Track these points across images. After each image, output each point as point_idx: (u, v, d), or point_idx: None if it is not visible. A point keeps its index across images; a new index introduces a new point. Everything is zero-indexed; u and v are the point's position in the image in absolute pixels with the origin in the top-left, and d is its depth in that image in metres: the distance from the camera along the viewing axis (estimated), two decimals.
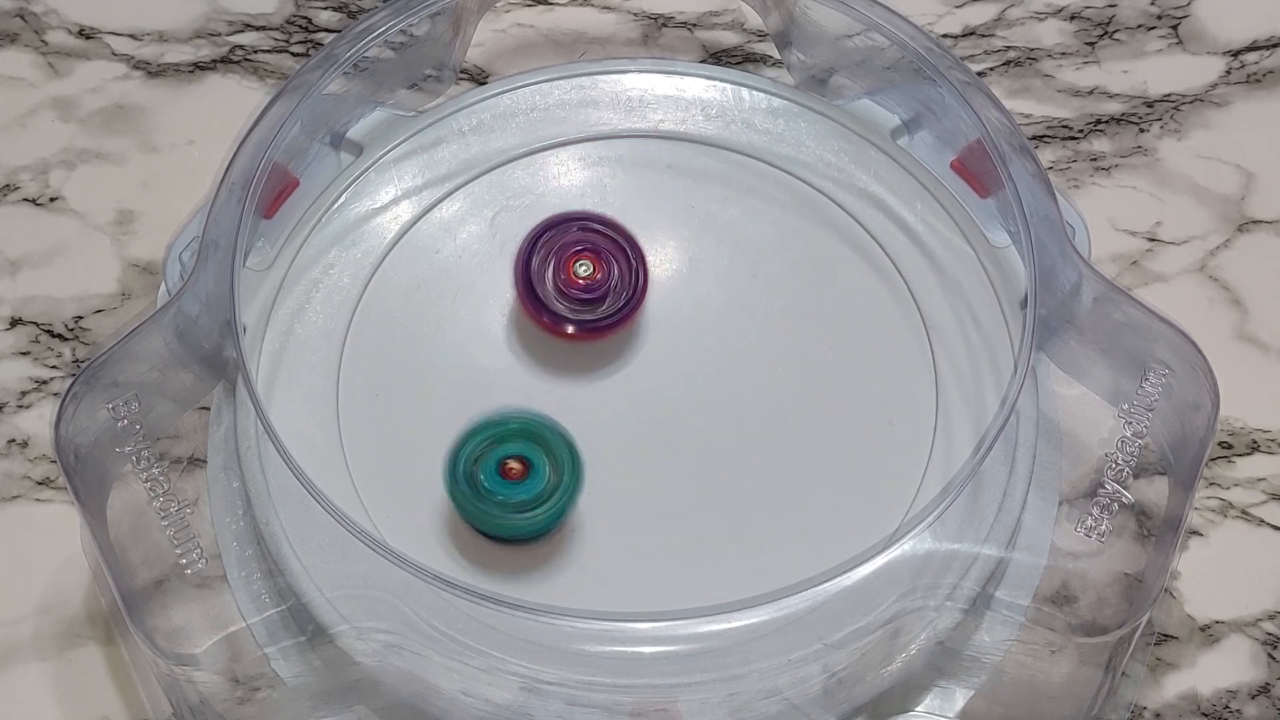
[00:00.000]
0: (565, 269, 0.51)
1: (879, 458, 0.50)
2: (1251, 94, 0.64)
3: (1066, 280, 0.50)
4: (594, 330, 0.51)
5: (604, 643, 0.46)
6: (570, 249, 0.51)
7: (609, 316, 0.51)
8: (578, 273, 0.51)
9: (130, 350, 0.49)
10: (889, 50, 0.54)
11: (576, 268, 0.51)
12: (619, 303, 0.51)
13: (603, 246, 0.51)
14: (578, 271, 0.51)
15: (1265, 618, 0.54)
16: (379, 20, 0.53)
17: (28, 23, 0.65)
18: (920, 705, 0.49)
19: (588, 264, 0.51)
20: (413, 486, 0.49)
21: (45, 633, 0.53)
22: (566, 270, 0.51)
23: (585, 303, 0.51)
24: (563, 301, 0.51)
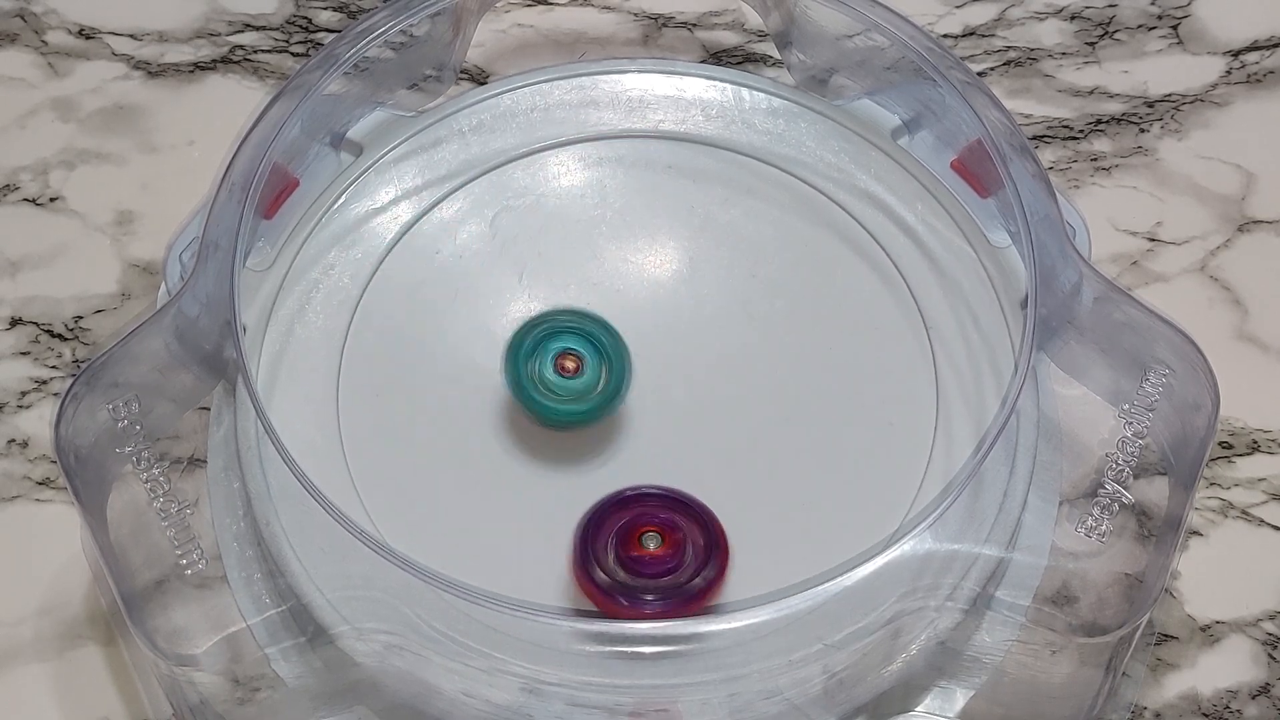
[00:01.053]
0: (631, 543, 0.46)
1: (879, 458, 0.50)
2: (1252, 94, 0.64)
3: (1067, 280, 0.50)
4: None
5: (604, 643, 0.46)
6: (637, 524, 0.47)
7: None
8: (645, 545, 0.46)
9: (130, 351, 0.49)
10: (889, 50, 0.54)
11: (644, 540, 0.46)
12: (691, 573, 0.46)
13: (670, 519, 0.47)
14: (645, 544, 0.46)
15: (1265, 618, 0.54)
16: (379, 20, 0.53)
17: (28, 23, 0.65)
18: (921, 705, 0.49)
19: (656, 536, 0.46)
20: (413, 486, 0.49)
21: (45, 633, 0.53)
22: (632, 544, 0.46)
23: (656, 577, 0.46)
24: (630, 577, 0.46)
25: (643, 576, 0.46)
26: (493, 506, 0.49)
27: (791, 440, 0.50)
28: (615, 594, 0.46)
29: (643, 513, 0.46)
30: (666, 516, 0.46)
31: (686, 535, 0.46)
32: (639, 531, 0.46)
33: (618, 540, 0.46)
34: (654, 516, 0.46)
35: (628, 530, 0.46)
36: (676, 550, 0.46)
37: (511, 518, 0.49)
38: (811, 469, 0.50)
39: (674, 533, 0.46)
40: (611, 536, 0.46)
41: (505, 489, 0.49)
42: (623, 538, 0.46)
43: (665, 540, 0.46)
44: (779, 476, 0.50)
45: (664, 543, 0.46)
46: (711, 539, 0.46)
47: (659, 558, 0.46)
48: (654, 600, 0.45)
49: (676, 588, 0.46)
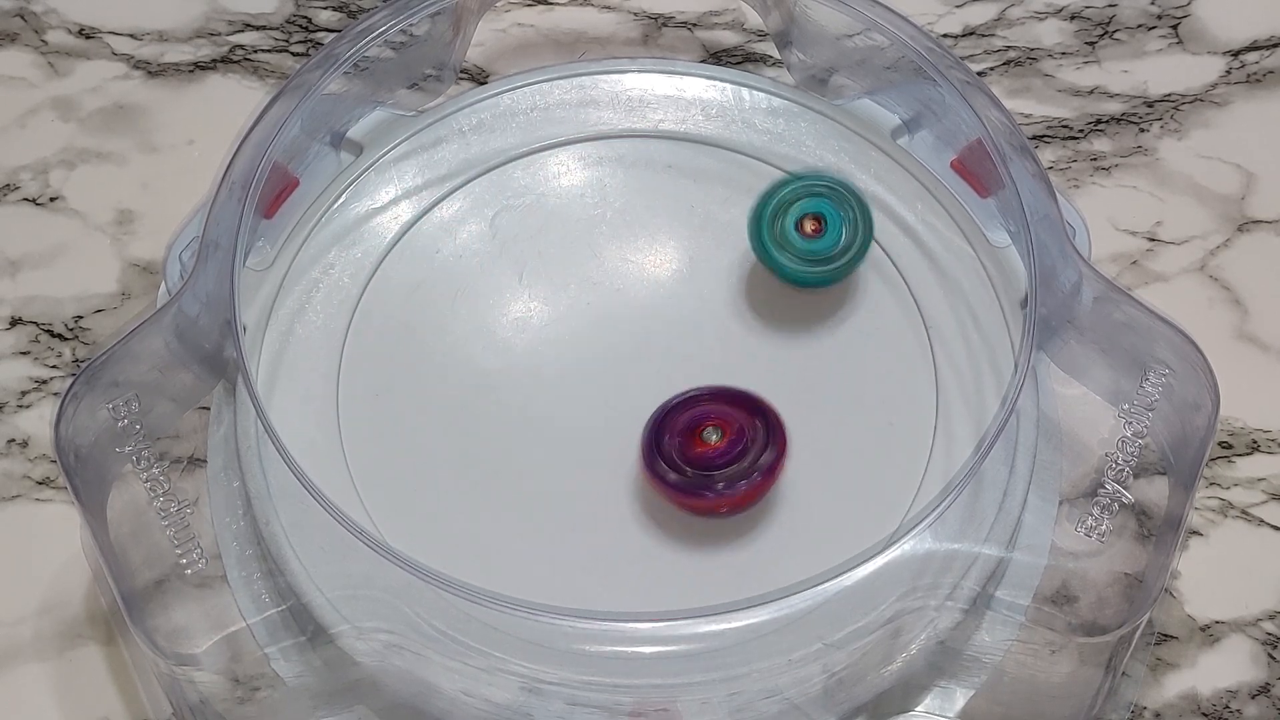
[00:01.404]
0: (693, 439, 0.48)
1: (879, 458, 0.50)
2: (1251, 94, 0.64)
3: (1066, 280, 0.50)
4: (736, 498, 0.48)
5: (604, 643, 0.46)
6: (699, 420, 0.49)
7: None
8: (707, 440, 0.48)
9: (130, 350, 0.49)
10: (889, 50, 0.54)
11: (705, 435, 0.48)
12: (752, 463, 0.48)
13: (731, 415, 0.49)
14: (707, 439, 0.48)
15: (1265, 618, 0.54)
16: (379, 20, 0.53)
17: (28, 23, 0.65)
18: (920, 705, 0.49)
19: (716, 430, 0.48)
20: (413, 486, 0.49)
21: (46, 633, 0.53)
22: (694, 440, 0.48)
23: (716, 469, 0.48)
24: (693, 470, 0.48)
25: (711, 469, 0.48)
26: (493, 506, 0.49)
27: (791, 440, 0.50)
28: (687, 490, 0.48)
29: (701, 411, 0.49)
30: (721, 410, 0.49)
31: (743, 424, 0.48)
32: (699, 428, 0.48)
33: (680, 440, 0.48)
34: (710, 413, 0.48)
35: (688, 429, 0.48)
36: (738, 438, 0.48)
37: (511, 517, 0.49)
38: (811, 469, 0.50)
39: (730, 423, 0.48)
40: (675, 438, 0.48)
41: (505, 488, 0.49)
42: (685, 437, 0.48)
43: (724, 431, 0.48)
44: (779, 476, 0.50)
45: (724, 434, 0.48)
46: (767, 422, 0.48)
47: (721, 449, 0.48)
48: (724, 488, 0.48)
49: (743, 473, 0.48)
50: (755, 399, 0.49)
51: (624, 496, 0.49)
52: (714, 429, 0.48)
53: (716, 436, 0.48)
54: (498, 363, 0.52)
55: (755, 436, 0.48)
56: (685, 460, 0.48)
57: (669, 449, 0.48)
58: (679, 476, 0.48)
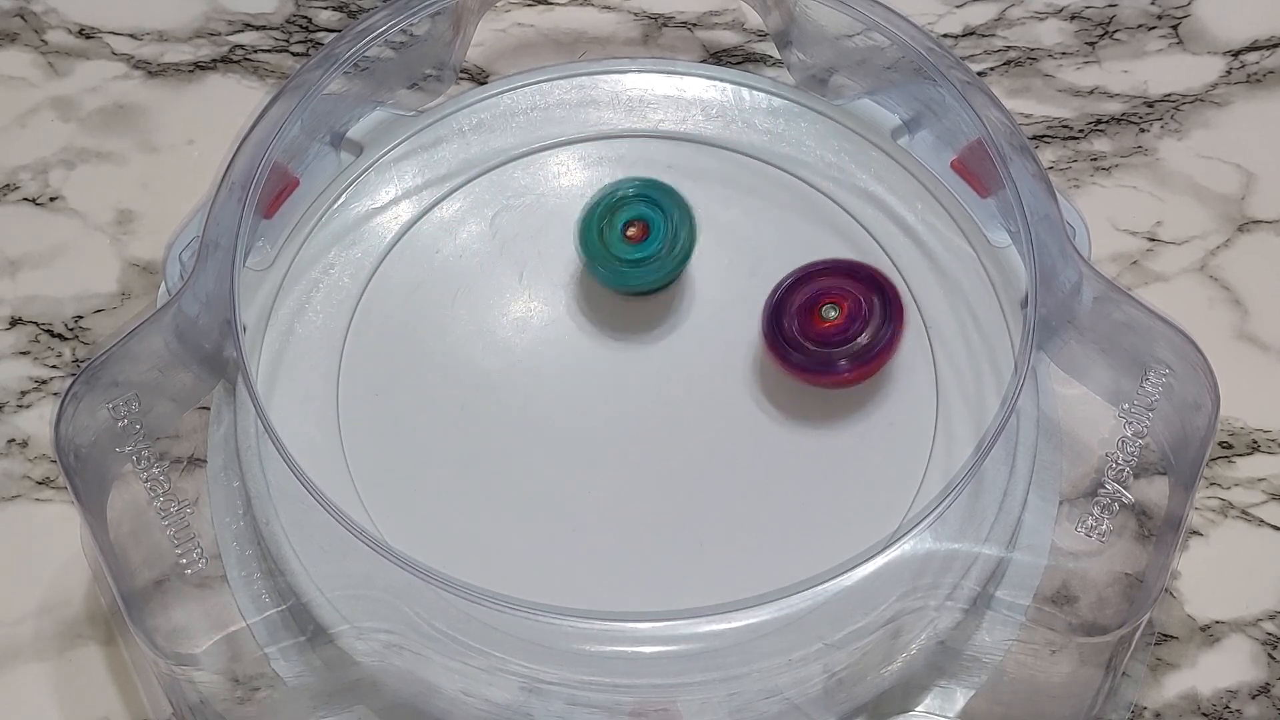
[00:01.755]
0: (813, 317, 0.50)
1: (879, 458, 0.50)
2: (1251, 94, 0.64)
3: (1067, 280, 0.50)
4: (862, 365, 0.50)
5: (604, 643, 0.46)
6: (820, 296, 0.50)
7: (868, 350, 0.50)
8: (825, 316, 0.50)
9: (130, 350, 0.49)
10: (889, 50, 0.54)
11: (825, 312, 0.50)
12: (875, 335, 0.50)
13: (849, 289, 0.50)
14: (825, 315, 0.50)
15: (1265, 618, 0.54)
16: (379, 20, 0.53)
17: (28, 22, 0.65)
18: (921, 705, 0.49)
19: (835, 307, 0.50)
20: (413, 486, 0.49)
21: (45, 633, 0.53)
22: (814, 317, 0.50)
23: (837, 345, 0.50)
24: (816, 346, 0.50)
25: (830, 345, 0.49)
26: (493, 506, 0.49)
27: (791, 439, 0.50)
28: (809, 368, 0.50)
29: (821, 287, 0.50)
30: (839, 285, 0.50)
31: (861, 299, 0.50)
32: (819, 304, 0.50)
33: (799, 317, 0.50)
34: (829, 289, 0.50)
35: (808, 305, 0.50)
36: (856, 315, 0.50)
37: (511, 517, 0.49)
38: (811, 468, 0.50)
39: (848, 299, 0.50)
40: (793, 314, 0.50)
41: (505, 488, 0.49)
42: (804, 313, 0.50)
43: (843, 309, 0.50)
44: (779, 476, 0.50)
45: (842, 311, 0.50)
46: (885, 297, 0.50)
47: (840, 326, 0.50)
48: (846, 365, 0.49)
49: (863, 349, 0.49)
50: (871, 270, 0.50)
51: (625, 496, 0.49)
52: (832, 305, 0.49)
53: (835, 313, 0.49)
54: (498, 363, 0.52)
55: (872, 311, 0.49)
56: (806, 338, 0.49)
57: (790, 330, 0.50)
58: (802, 356, 0.49)
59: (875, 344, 0.49)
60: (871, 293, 0.50)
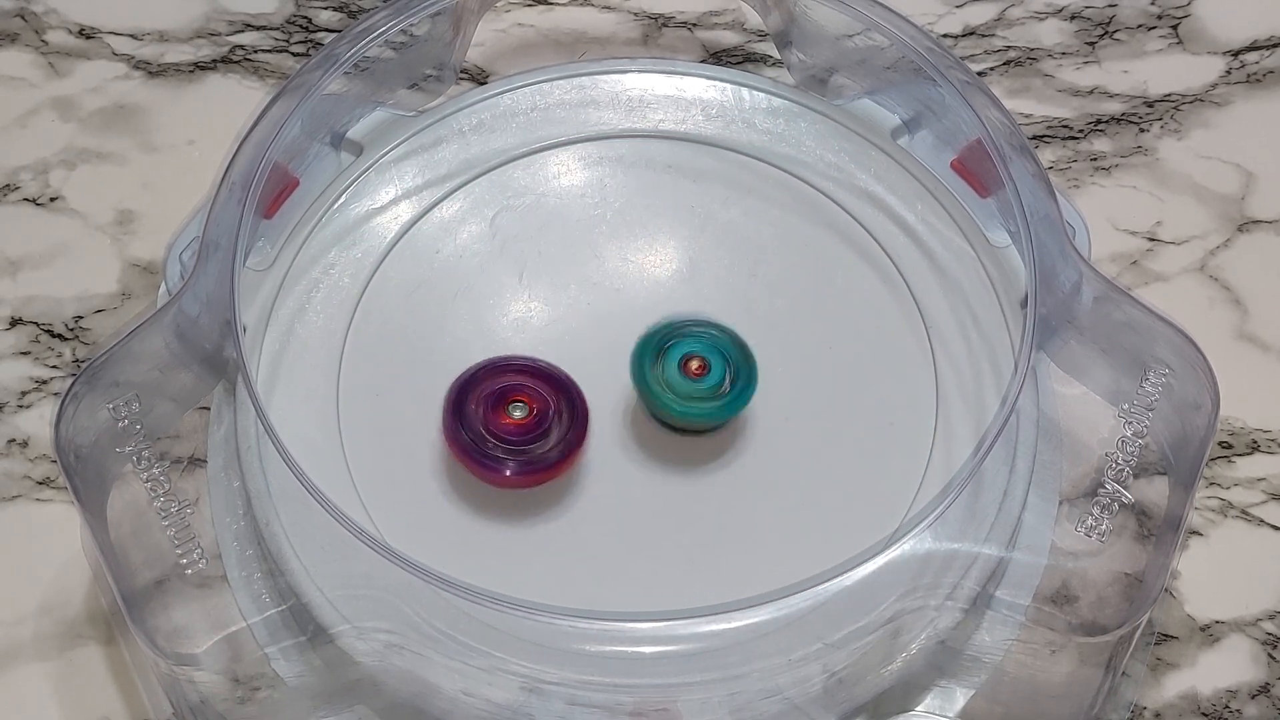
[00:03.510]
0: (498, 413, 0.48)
1: (879, 458, 0.50)
2: (1251, 94, 0.64)
3: (1066, 280, 0.50)
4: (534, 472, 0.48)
5: (604, 643, 0.46)
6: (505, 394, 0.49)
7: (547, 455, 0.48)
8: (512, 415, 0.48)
9: (130, 350, 0.49)
10: (889, 50, 0.54)
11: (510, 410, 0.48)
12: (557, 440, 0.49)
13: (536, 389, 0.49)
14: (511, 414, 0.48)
15: (1265, 618, 0.54)
16: (379, 20, 0.53)
17: (28, 23, 0.65)
18: (920, 705, 0.49)
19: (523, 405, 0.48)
20: (413, 486, 0.49)
21: (46, 633, 0.53)
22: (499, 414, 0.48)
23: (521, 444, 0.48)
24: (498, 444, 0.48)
25: (506, 443, 0.48)
26: (493, 506, 0.49)
27: (791, 439, 0.50)
28: (476, 456, 0.48)
29: (512, 383, 0.49)
30: (532, 386, 0.49)
31: (550, 405, 0.48)
32: (508, 400, 0.48)
33: (486, 406, 0.48)
34: (522, 386, 0.49)
35: (497, 398, 0.48)
36: (540, 420, 0.48)
37: (511, 517, 0.49)
38: (811, 469, 0.50)
39: (537, 402, 0.48)
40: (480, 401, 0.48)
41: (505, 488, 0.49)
42: (491, 404, 0.48)
43: (531, 410, 0.48)
44: (779, 476, 0.50)
45: (529, 412, 0.48)
46: (574, 410, 0.48)
47: (523, 426, 0.48)
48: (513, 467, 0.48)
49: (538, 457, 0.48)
50: (563, 377, 0.49)
51: (625, 496, 0.49)
52: (519, 404, 0.48)
53: (521, 412, 0.48)
54: None
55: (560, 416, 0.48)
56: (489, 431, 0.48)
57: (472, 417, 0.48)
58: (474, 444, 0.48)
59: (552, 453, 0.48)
60: (560, 396, 0.48)
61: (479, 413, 0.48)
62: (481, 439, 0.48)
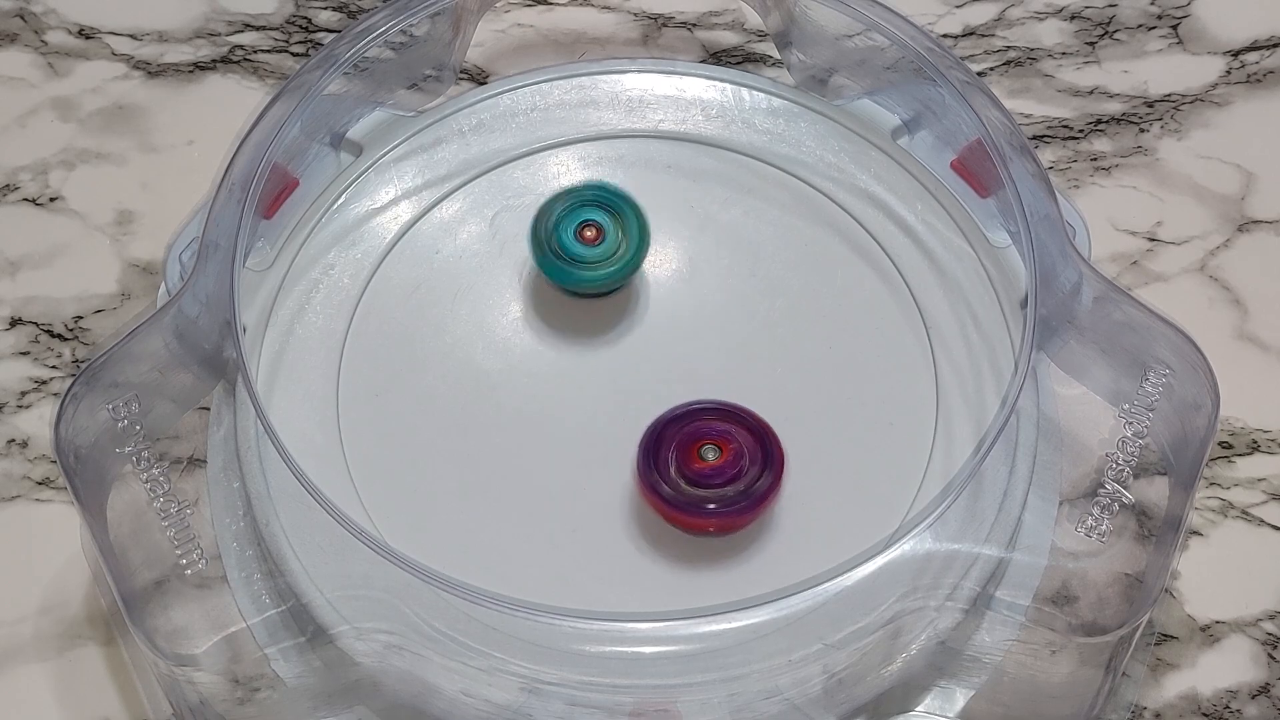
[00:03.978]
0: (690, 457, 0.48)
1: (879, 458, 0.50)
2: (1251, 94, 0.64)
3: (1067, 280, 0.50)
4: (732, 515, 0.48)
5: (604, 643, 0.46)
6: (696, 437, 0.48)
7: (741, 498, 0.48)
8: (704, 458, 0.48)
9: (130, 350, 0.49)
10: (889, 50, 0.54)
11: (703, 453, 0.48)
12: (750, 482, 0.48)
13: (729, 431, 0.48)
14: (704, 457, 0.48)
15: (1265, 618, 0.54)
16: (379, 20, 0.53)
17: (28, 23, 0.65)
18: (921, 705, 0.49)
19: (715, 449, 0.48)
20: (413, 486, 0.49)
21: (45, 633, 0.53)
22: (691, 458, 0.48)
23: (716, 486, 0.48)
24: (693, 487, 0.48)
25: (704, 487, 0.47)
26: (493, 506, 0.49)
27: (791, 440, 0.50)
28: (680, 506, 0.47)
29: (700, 425, 0.48)
30: (723, 428, 0.48)
31: (742, 444, 0.48)
32: (698, 445, 0.48)
33: (678, 454, 0.48)
34: (711, 429, 0.48)
35: (687, 443, 0.48)
36: (734, 459, 0.48)
37: (511, 518, 0.49)
38: (811, 469, 0.50)
39: (730, 443, 0.48)
40: (672, 451, 0.48)
41: (506, 489, 0.49)
42: (683, 451, 0.48)
43: (723, 451, 0.48)
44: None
45: (722, 453, 0.48)
46: (766, 446, 0.48)
47: (718, 468, 0.47)
48: (716, 509, 0.47)
49: (738, 495, 0.47)
50: (757, 420, 0.48)
51: (624, 496, 0.49)
52: (712, 447, 0.48)
53: (714, 454, 0.48)
54: (498, 363, 0.52)
55: (755, 459, 0.48)
56: (681, 475, 0.48)
57: (665, 462, 0.48)
58: (673, 491, 0.47)
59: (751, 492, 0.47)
60: (755, 440, 0.48)
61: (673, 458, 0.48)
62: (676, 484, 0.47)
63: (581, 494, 0.49)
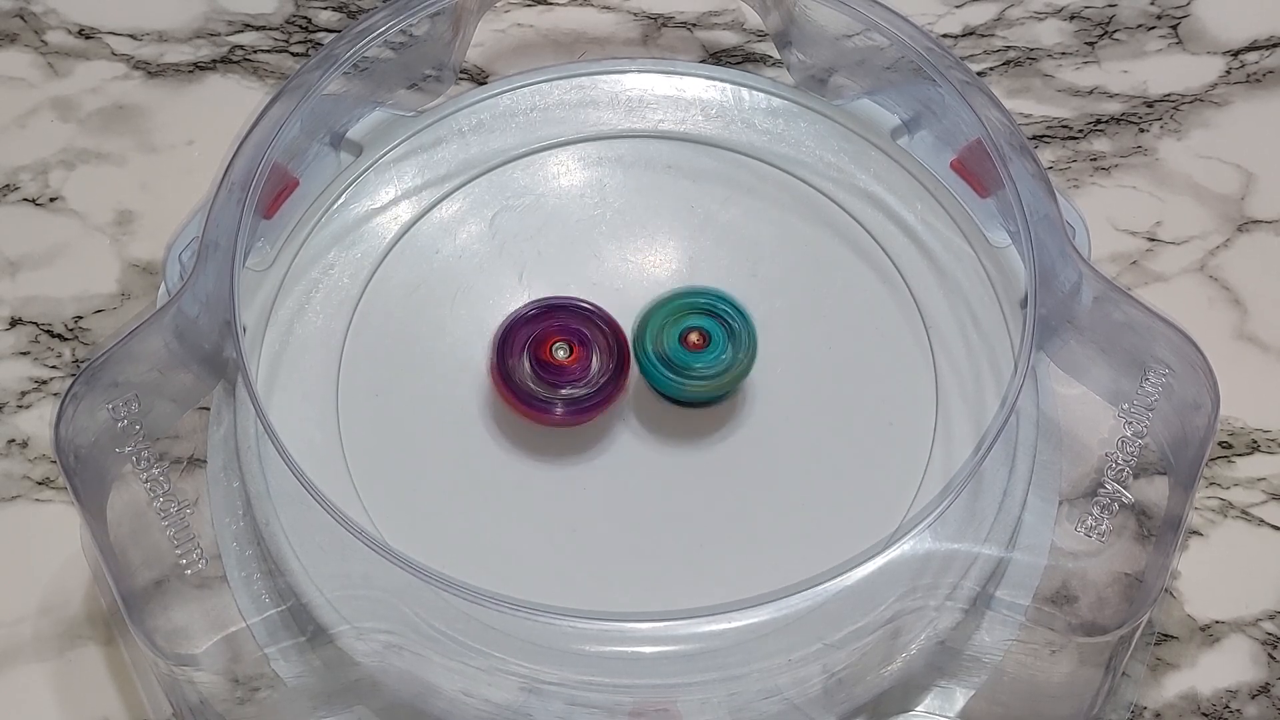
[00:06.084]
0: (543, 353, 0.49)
1: (879, 458, 0.50)
2: (1251, 94, 0.64)
3: (1066, 280, 0.50)
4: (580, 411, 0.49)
5: (604, 643, 0.46)
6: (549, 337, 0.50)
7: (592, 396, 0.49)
8: (556, 356, 0.49)
9: (130, 350, 0.49)
10: (889, 50, 0.54)
11: (554, 351, 0.49)
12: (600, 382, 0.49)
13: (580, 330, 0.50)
14: (556, 355, 0.49)
15: (1265, 618, 0.54)
16: (379, 20, 0.53)
17: (28, 23, 0.65)
18: (920, 705, 0.49)
19: (565, 347, 0.49)
20: (413, 486, 0.49)
21: (45, 633, 0.53)
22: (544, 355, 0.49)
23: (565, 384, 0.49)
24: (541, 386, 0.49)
25: (551, 384, 0.49)
26: (493, 506, 0.49)
27: (791, 439, 0.50)
28: (526, 400, 0.49)
29: (554, 324, 0.50)
30: (575, 328, 0.50)
31: (593, 344, 0.49)
32: (550, 342, 0.49)
33: (532, 348, 0.49)
34: (565, 328, 0.50)
35: (540, 340, 0.49)
36: (583, 361, 0.49)
37: (511, 517, 0.49)
38: (811, 469, 0.50)
39: (581, 344, 0.49)
40: (526, 345, 0.49)
41: (505, 489, 0.49)
42: (536, 347, 0.49)
43: (574, 351, 0.49)
44: (779, 476, 0.50)
45: (572, 354, 0.49)
46: (618, 348, 0.49)
47: (568, 367, 0.49)
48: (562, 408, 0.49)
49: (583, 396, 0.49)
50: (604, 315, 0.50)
51: (624, 496, 0.49)
52: (563, 345, 0.49)
53: (565, 353, 0.49)
54: None
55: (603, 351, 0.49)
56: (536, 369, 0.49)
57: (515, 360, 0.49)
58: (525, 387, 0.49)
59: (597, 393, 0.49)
60: (602, 333, 0.49)
61: (523, 357, 0.49)
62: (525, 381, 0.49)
63: (582, 494, 0.49)
